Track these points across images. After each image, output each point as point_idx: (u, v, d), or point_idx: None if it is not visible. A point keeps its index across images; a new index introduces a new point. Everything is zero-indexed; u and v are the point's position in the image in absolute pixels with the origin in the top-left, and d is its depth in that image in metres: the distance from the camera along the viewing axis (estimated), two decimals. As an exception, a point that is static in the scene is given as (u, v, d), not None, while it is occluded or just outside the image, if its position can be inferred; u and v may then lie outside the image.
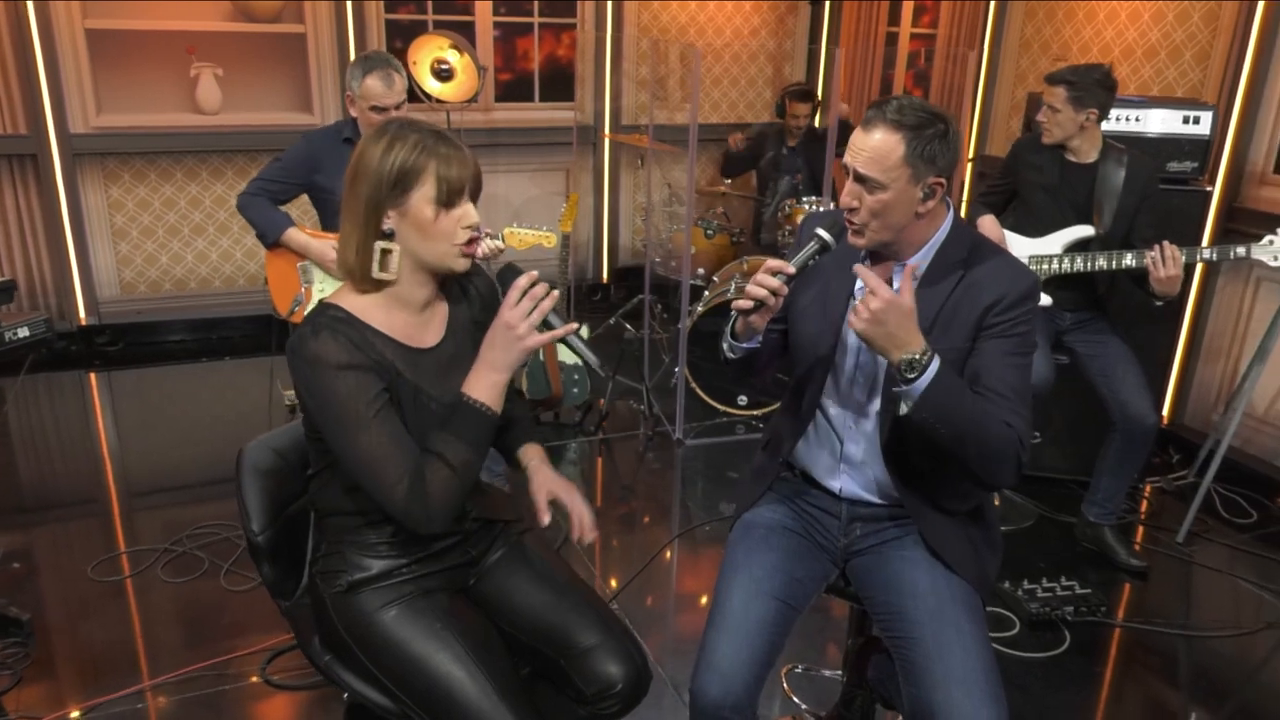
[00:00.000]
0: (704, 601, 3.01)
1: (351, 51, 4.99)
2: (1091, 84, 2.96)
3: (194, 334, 5.14)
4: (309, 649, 1.78)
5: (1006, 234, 3.14)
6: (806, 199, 4.69)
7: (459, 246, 1.59)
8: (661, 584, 3.12)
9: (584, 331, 4.24)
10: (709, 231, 5.05)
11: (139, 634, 2.74)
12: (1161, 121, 3.49)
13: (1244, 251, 2.90)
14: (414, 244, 1.58)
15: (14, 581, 2.94)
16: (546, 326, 1.58)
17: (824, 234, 1.73)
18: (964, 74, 4.99)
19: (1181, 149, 3.50)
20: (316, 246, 2.99)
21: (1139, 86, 4.15)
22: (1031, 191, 3.18)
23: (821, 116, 5.60)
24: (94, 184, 4.80)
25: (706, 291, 4.42)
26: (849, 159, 1.71)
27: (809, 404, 1.88)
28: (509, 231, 3.22)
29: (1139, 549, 3.34)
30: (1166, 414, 4.04)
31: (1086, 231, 3.06)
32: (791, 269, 1.71)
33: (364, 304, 1.61)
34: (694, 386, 4.19)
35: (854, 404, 1.85)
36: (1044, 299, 2.98)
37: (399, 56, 3.13)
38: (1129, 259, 2.93)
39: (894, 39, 5.63)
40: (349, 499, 1.65)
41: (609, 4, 5.55)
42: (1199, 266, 3.85)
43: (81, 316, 4.89)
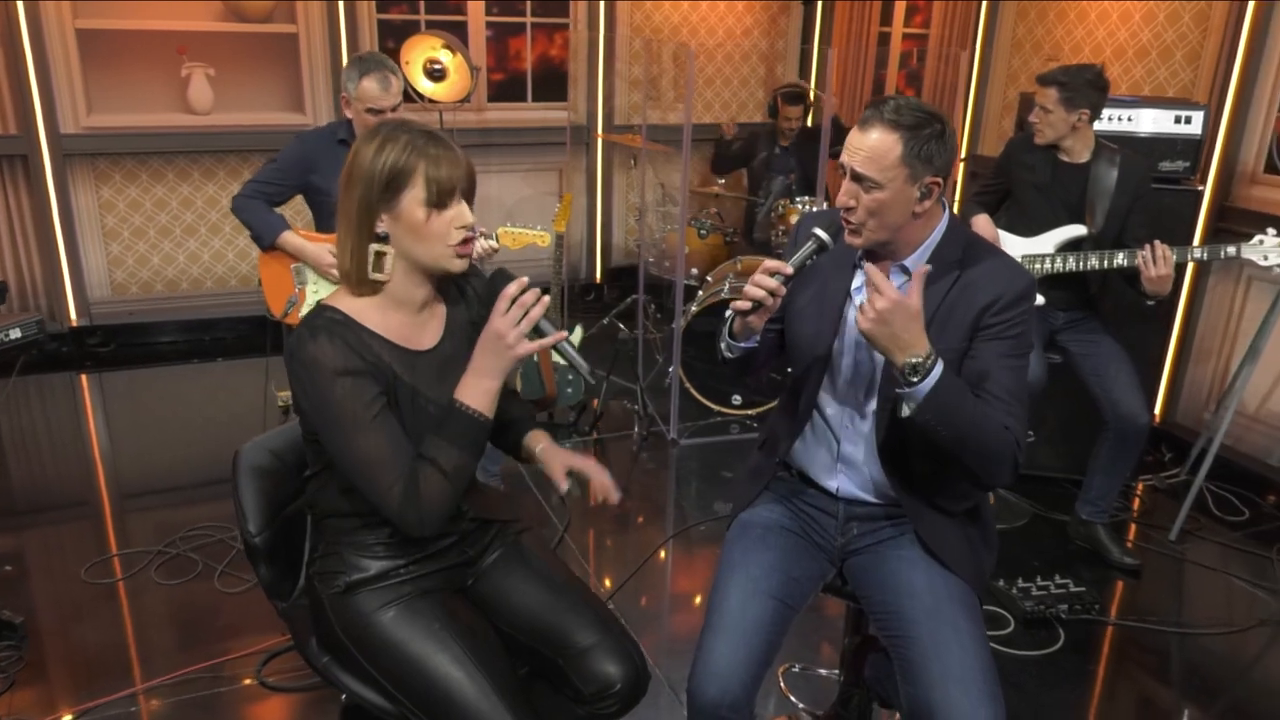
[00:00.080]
0: (699, 601, 3.02)
1: (344, 51, 4.98)
2: (1083, 85, 2.96)
3: (186, 335, 5.12)
4: (306, 650, 1.77)
5: (1000, 233, 3.15)
6: (800, 199, 4.70)
7: (453, 248, 1.58)
8: (656, 584, 3.12)
9: (578, 331, 4.24)
10: (702, 231, 5.05)
11: (132, 637, 2.73)
12: (1153, 121, 3.50)
13: (1234, 251, 2.91)
14: (408, 246, 1.58)
15: (6, 584, 2.92)
16: (537, 333, 1.58)
17: (822, 234, 1.73)
18: (956, 74, 5.01)
19: (1173, 149, 3.52)
20: (312, 250, 2.97)
21: (1130, 86, 4.16)
22: (1024, 191, 3.19)
23: (814, 117, 5.61)
24: (85, 184, 4.78)
25: (700, 291, 4.42)
26: (846, 158, 1.71)
27: (806, 404, 1.88)
28: (503, 231, 3.21)
29: (1132, 547, 3.35)
30: (1158, 413, 4.05)
31: (1079, 231, 3.07)
32: (789, 269, 1.71)
33: (361, 306, 1.61)
34: (688, 386, 4.19)
35: (851, 404, 1.85)
36: (1038, 299, 2.99)
37: (391, 56, 3.10)
38: (1121, 258, 2.94)
39: (886, 39, 5.64)
40: (346, 500, 1.65)
41: (601, 4, 5.55)
42: (1190, 266, 3.87)
43: (73, 317, 4.87)
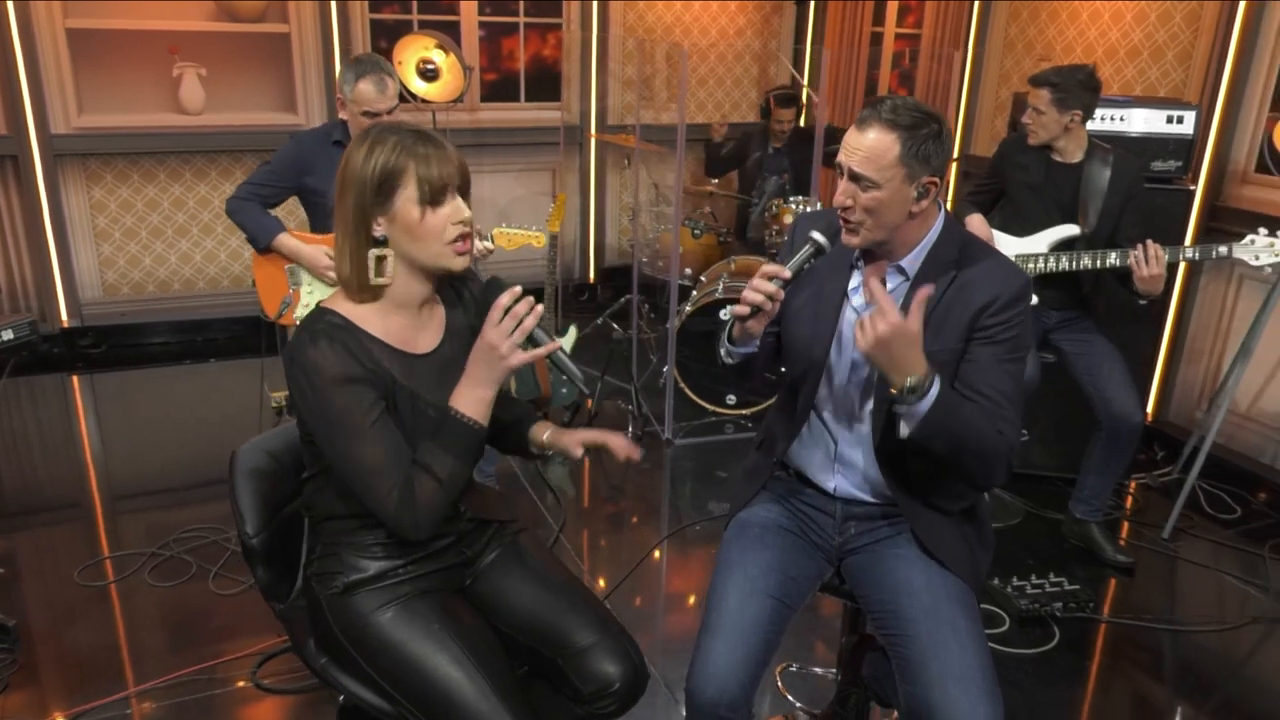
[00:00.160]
0: (693, 601, 3.02)
1: (336, 52, 4.96)
2: (1075, 85, 2.98)
3: (178, 336, 5.10)
4: (304, 652, 1.77)
5: (993, 233, 3.17)
6: (794, 199, 4.71)
7: (451, 245, 1.58)
8: (651, 584, 3.12)
9: (572, 331, 4.23)
10: (696, 231, 5.06)
11: (125, 640, 2.71)
12: (1145, 121, 3.52)
13: (1226, 251, 2.92)
14: (406, 247, 1.57)
15: (-2, 587, 2.92)
16: (531, 343, 1.58)
17: (819, 237, 1.73)
18: (949, 74, 5.02)
19: (1165, 148, 3.54)
20: (308, 252, 2.96)
21: (1122, 86, 4.18)
22: (1018, 191, 3.20)
23: (807, 118, 5.62)
24: (76, 185, 4.76)
25: (694, 291, 4.42)
26: (843, 157, 1.70)
27: (803, 405, 1.88)
28: (498, 231, 3.20)
29: (1125, 545, 3.37)
30: (1151, 412, 4.07)
31: (1072, 231, 3.08)
32: (787, 273, 1.71)
33: (361, 309, 1.61)
34: (682, 386, 4.19)
35: (848, 405, 1.85)
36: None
37: (384, 56, 3.09)
38: (1113, 258, 2.95)
39: (879, 39, 5.65)
40: (344, 502, 1.65)
41: (594, 4, 5.55)
42: (1182, 265, 3.89)
43: (64, 319, 4.84)
